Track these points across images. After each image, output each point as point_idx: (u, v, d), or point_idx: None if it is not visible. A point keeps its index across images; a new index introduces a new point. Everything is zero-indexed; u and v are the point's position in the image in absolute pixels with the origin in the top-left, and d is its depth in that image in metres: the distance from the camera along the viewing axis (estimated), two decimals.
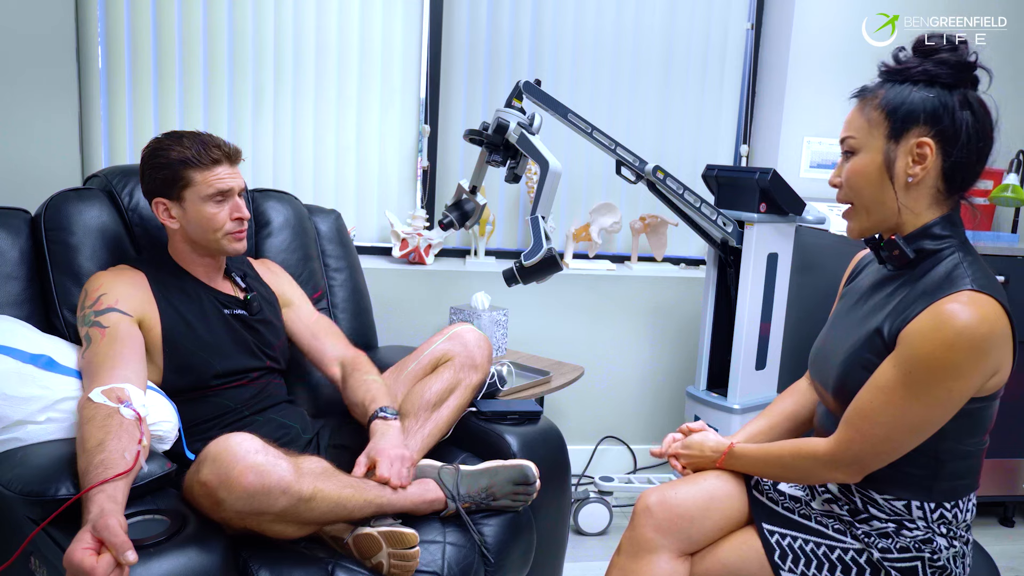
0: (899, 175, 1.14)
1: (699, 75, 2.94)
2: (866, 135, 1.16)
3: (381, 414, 1.53)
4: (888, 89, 1.15)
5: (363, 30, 2.68)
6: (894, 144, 1.14)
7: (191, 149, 1.52)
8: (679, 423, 2.92)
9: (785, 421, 1.44)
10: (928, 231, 1.16)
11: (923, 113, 1.12)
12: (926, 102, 1.12)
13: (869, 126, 1.16)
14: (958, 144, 1.12)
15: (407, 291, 2.67)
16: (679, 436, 1.46)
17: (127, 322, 1.46)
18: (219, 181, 1.54)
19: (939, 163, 1.13)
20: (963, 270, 1.11)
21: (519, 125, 1.91)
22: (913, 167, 1.13)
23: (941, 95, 1.12)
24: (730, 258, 2.28)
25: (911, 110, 1.12)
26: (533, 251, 1.75)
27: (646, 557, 1.27)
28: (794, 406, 1.44)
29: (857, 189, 1.18)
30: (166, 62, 2.54)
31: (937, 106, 1.11)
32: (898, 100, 1.13)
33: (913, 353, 1.08)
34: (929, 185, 1.15)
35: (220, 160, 1.54)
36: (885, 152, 1.15)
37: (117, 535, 1.02)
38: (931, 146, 1.12)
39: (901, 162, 1.14)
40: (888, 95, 1.15)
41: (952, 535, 1.20)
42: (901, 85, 1.14)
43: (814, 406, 1.41)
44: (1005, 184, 2.58)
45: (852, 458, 1.16)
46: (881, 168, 1.15)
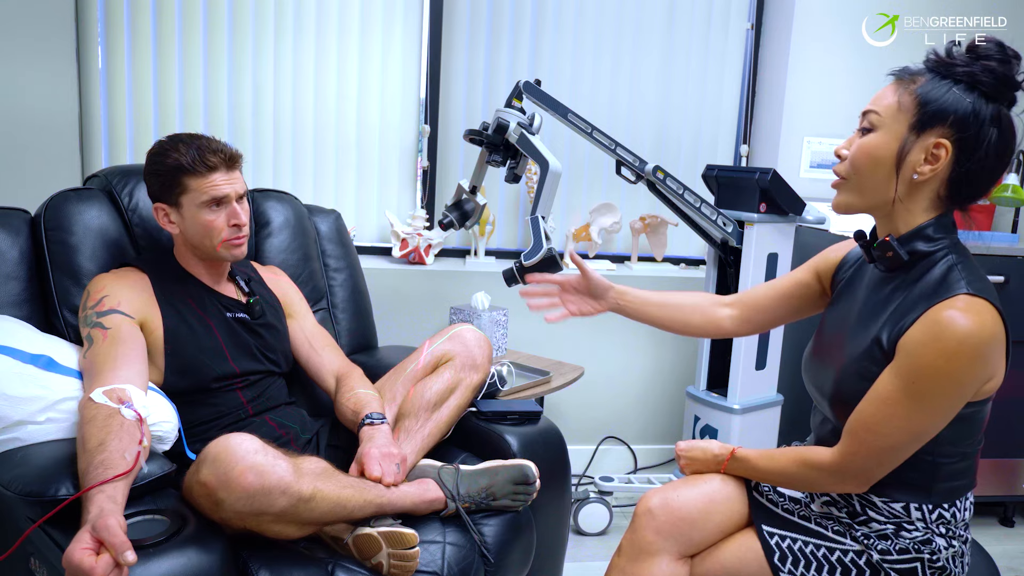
0: (907, 168, 1.11)
1: (699, 75, 2.94)
2: (891, 117, 1.12)
3: (368, 420, 1.53)
4: (929, 79, 1.11)
5: (363, 30, 2.68)
6: (914, 136, 1.10)
7: (187, 156, 1.50)
8: (679, 423, 2.93)
9: (675, 311, 1.50)
10: (922, 233, 1.14)
11: (953, 115, 1.08)
12: (960, 105, 1.08)
13: (898, 109, 1.12)
14: (975, 156, 1.09)
15: (407, 291, 2.67)
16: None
17: (129, 324, 1.46)
18: (214, 188, 1.52)
19: (949, 169, 1.10)
20: (958, 273, 1.10)
21: (519, 125, 1.91)
22: (923, 165, 1.10)
23: (977, 103, 1.08)
24: (730, 258, 2.28)
25: (942, 108, 1.08)
26: (533, 251, 1.75)
27: (647, 560, 1.27)
28: (694, 308, 1.49)
29: (860, 168, 1.15)
30: (166, 62, 2.55)
31: (969, 113, 1.08)
32: (935, 94, 1.09)
33: (914, 363, 1.07)
34: (932, 188, 1.12)
35: (216, 166, 1.52)
36: (903, 140, 1.11)
37: (116, 535, 1.02)
38: (948, 149, 1.09)
39: (914, 156, 1.10)
40: (927, 85, 1.10)
41: (951, 535, 1.19)
42: (943, 80, 1.10)
43: (707, 322, 1.47)
44: (1005, 184, 2.57)
45: (858, 469, 1.16)
46: (892, 155, 1.11)
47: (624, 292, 1.52)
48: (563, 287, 1.55)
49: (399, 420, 1.61)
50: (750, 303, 1.47)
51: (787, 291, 1.42)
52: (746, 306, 1.47)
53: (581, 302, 1.54)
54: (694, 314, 1.50)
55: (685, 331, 1.52)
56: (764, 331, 1.50)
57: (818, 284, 1.38)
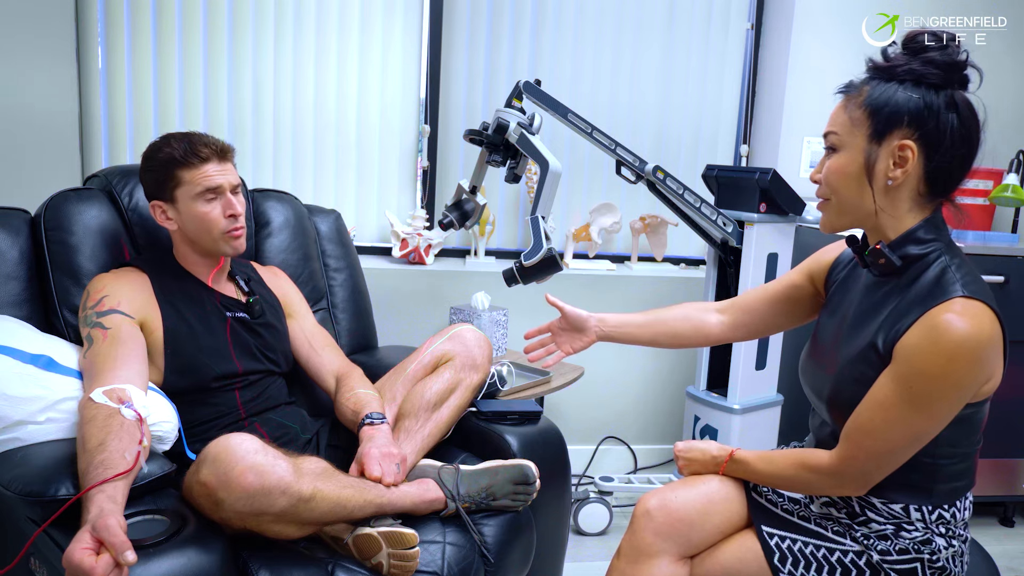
0: (879, 177, 1.11)
1: (699, 74, 2.94)
2: (848, 134, 1.13)
3: (368, 420, 1.53)
4: (873, 87, 1.12)
5: (363, 30, 2.68)
6: (876, 145, 1.10)
7: (179, 149, 1.52)
8: (679, 423, 2.93)
9: (660, 326, 1.49)
10: (912, 236, 1.13)
11: (907, 115, 1.08)
12: (910, 103, 1.08)
13: (851, 125, 1.13)
14: (942, 147, 1.08)
15: (407, 291, 2.67)
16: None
17: (129, 323, 1.46)
18: (207, 179, 1.53)
19: (921, 166, 1.10)
20: (952, 274, 1.09)
21: (519, 125, 1.91)
22: (894, 170, 1.10)
23: (927, 96, 1.08)
24: (730, 258, 2.28)
25: (894, 111, 1.09)
26: (533, 251, 1.75)
27: (646, 562, 1.27)
28: (680, 319, 1.49)
29: (835, 187, 1.15)
30: (166, 62, 2.55)
31: (921, 108, 1.07)
32: (882, 100, 1.10)
33: (912, 368, 1.06)
34: (910, 188, 1.12)
35: (208, 158, 1.53)
36: (866, 153, 1.11)
37: (116, 535, 1.02)
38: (913, 149, 1.08)
39: (882, 164, 1.10)
40: (872, 94, 1.11)
41: (951, 534, 1.19)
42: (887, 83, 1.10)
43: (695, 331, 1.47)
44: (1005, 184, 2.57)
45: (856, 473, 1.15)
46: (861, 169, 1.12)
47: (604, 319, 1.53)
48: (553, 331, 1.58)
49: (399, 420, 1.61)
50: (741, 307, 1.46)
51: (779, 294, 1.41)
52: (738, 310, 1.47)
53: (571, 339, 1.56)
54: (681, 325, 1.49)
55: (675, 344, 1.52)
56: (757, 337, 1.49)
57: (811, 286, 1.37)
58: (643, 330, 1.51)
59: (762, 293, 1.45)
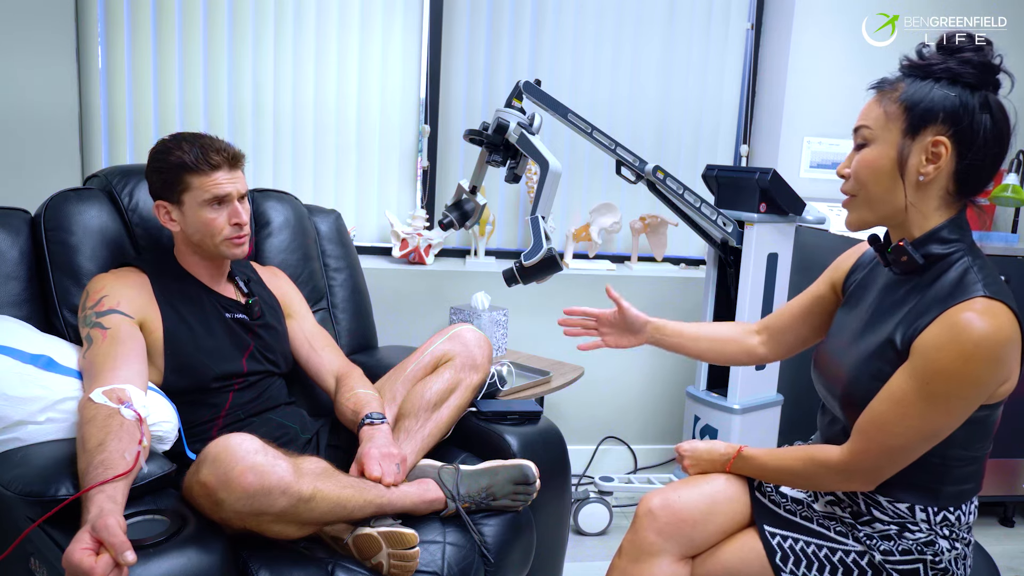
0: (911, 173, 1.12)
1: (699, 74, 2.94)
2: (882, 127, 1.13)
3: (368, 420, 1.53)
4: (909, 84, 1.12)
5: (363, 30, 2.68)
6: (910, 140, 1.11)
7: (190, 154, 1.51)
8: (679, 423, 2.93)
9: (711, 343, 1.51)
10: (936, 235, 1.14)
11: (943, 112, 1.09)
12: (947, 101, 1.09)
13: (886, 119, 1.13)
14: (974, 146, 1.09)
15: (407, 291, 2.66)
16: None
17: (128, 324, 1.46)
18: (216, 187, 1.52)
19: (952, 164, 1.10)
20: (974, 275, 1.09)
21: (519, 125, 1.91)
22: (926, 166, 1.11)
23: (962, 95, 1.09)
24: (730, 258, 2.28)
25: (930, 107, 1.09)
26: (533, 251, 1.75)
27: (647, 561, 1.27)
28: (729, 340, 1.51)
29: (865, 182, 1.16)
30: (166, 61, 2.54)
31: (957, 106, 1.08)
32: (918, 96, 1.10)
33: (930, 365, 1.06)
34: (940, 186, 1.12)
35: (219, 165, 1.52)
36: (900, 147, 1.12)
37: (116, 535, 1.02)
38: (947, 146, 1.09)
39: (915, 159, 1.11)
40: (909, 90, 1.12)
41: (954, 537, 1.19)
42: (923, 81, 1.11)
43: (742, 351, 1.49)
44: (1005, 184, 2.57)
45: (867, 468, 1.15)
46: (894, 163, 1.12)
47: (661, 327, 1.54)
48: (599, 320, 1.60)
49: (399, 420, 1.61)
50: (775, 326, 1.47)
51: (806, 308, 1.42)
52: (772, 329, 1.48)
53: (618, 336, 1.58)
54: (729, 345, 1.51)
55: (721, 361, 1.55)
56: (795, 353, 1.49)
57: (833, 294, 1.38)
58: (695, 344, 1.53)
59: (791, 310, 1.45)
